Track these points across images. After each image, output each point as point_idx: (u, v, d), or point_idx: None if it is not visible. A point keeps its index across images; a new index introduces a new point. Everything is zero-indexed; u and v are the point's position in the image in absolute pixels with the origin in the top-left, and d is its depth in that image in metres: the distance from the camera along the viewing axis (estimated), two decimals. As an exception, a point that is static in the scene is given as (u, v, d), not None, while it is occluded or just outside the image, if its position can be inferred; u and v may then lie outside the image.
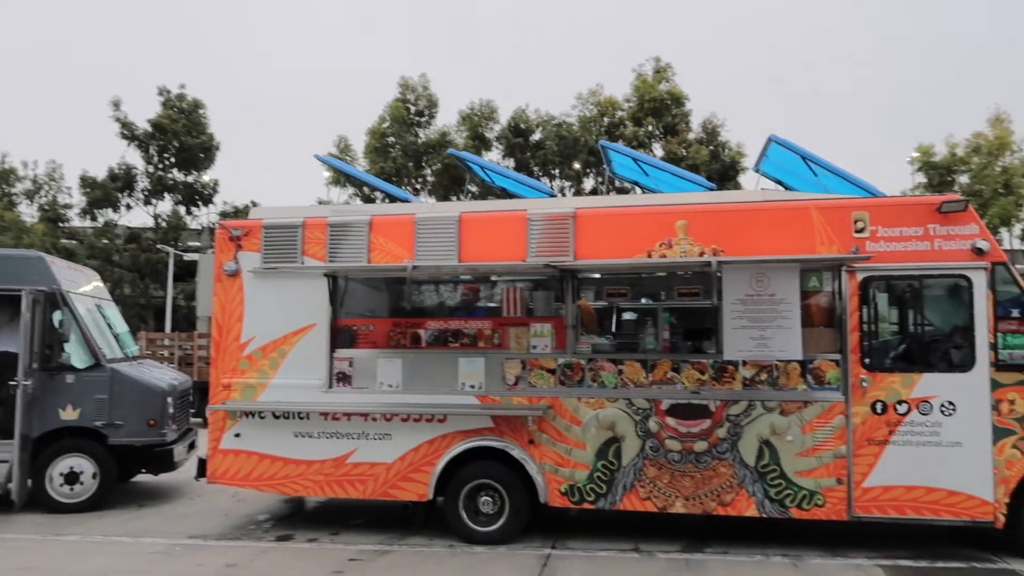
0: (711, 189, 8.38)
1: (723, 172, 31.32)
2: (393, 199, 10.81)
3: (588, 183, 34.52)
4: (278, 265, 7.49)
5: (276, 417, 7.34)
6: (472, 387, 7.02)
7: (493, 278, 8.09)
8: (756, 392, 6.59)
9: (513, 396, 6.94)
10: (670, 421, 6.69)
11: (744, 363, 6.63)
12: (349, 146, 35.17)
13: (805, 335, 6.45)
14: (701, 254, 6.71)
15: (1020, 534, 6.28)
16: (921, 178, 33.79)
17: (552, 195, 9.15)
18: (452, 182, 33.01)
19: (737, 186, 29.18)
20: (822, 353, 6.56)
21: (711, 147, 32.34)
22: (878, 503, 6.36)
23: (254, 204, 30.64)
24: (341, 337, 7.46)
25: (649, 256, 6.84)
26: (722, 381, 6.66)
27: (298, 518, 8.18)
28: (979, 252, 6.37)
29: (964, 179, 32.32)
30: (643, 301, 7.77)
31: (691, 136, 33.01)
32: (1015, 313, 6.32)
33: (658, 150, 32.99)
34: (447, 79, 48.88)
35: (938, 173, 32.37)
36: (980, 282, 6.36)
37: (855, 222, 6.60)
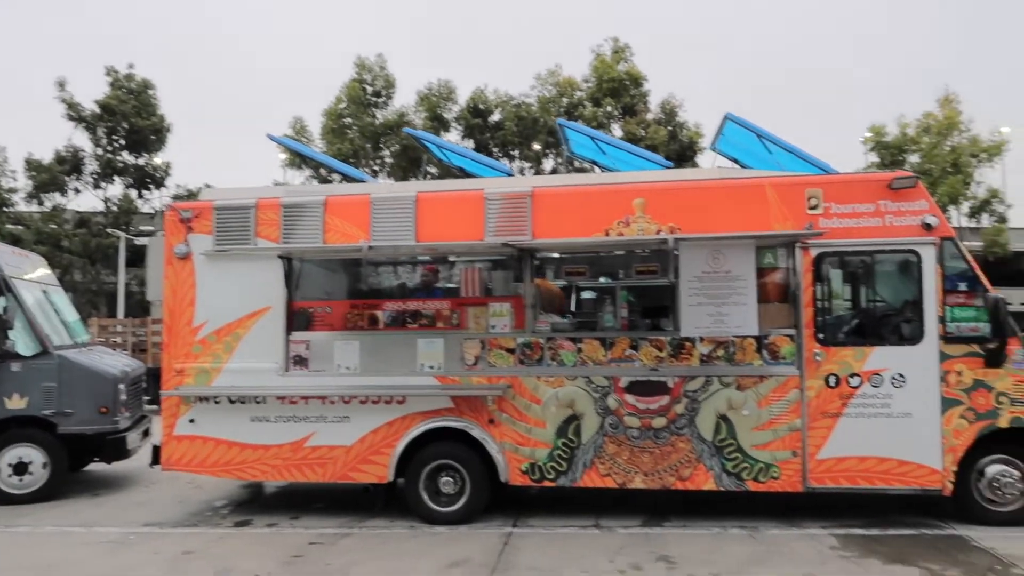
0: (668, 168, 8.40)
1: (681, 152, 31.53)
2: (349, 180, 10.66)
3: (548, 164, 34.48)
4: (231, 247, 7.33)
5: (232, 402, 7.22)
6: (431, 368, 6.98)
7: (451, 259, 8.04)
8: (713, 368, 6.66)
9: (472, 376, 6.91)
10: (629, 398, 6.74)
11: (701, 339, 6.68)
12: (305, 127, 34.60)
13: (761, 311, 6.54)
14: (658, 232, 6.74)
15: (967, 501, 6.48)
16: (874, 157, 34.43)
17: (510, 174, 9.09)
18: (411, 163, 32.68)
19: (695, 166, 29.41)
20: (777, 328, 6.65)
21: (669, 127, 32.50)
22: (832, 474, 6.50)
23: (208, 187, 29.94)
24: (297, 320, 7.36)
25: (607, 235, 6.84)
26: (680, 358, 6.72)
27: (257, 503, 8.08)
28: (928, 228, 6.50)
29: (915, 158, 32.98)
30: (601, 280, 7.79)
31: (649, 116, 33.11)
32: (962, 287, 6.47)
33: (617, 130, 33.06)
34: (405, 60, 48.30)
35: (890, 153, 32.98)
36: (929, 257, 6.49)
37: (809, 199, 6.67)
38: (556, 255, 7.58)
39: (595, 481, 6.77)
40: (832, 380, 6.53)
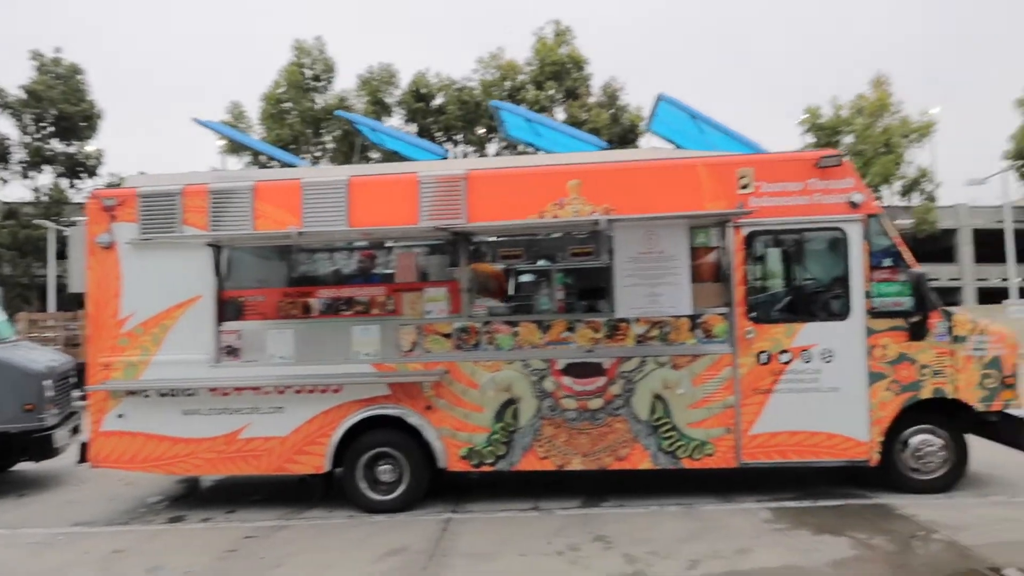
0: (604, 149, 8.41)
1: (623, 135, 31.74)
2: (286, 165, 10.42)
3: (492, 148, 34.36)
4: (156, 235, 7.09)
5: (161, 395, 7.01)
6: (367, 355, 6.87)
7: (388, 244, 7.93)
8: (648, 348, 6.71)
9: (409, 363, 6.84)
10: (566, 380, 6.75)
11: (637, 320, 6.73)
12: (243, 112, 33.79)
13: (694, 290, 6.60)
14: (593, 213, 6.73)
15: (892, 470, 6.68)
16: (811, 139, 35.19)
17: (445, 157, 9.00)
18: (352, 148, 32.21)
19: (636, 148, 29.62)
20: (711, 307, 6.73)
21: (612, 110, 32.66)
22: (764, 449, 6.62)
23: (143, 175, 28.98)
24: (228, 309, 7.18)
25: (542, 217, 6.82)
26: (615, 339, 6.75)
27: (193, 498, 7.90)
28: (854, 205, 6.63)
29: (849, 139, 33.81)
30: (538, 262, 7.78)
31: (591, 100, 33.23)
32: (887, 263, 6.63)
33: (560, 114, 33.11)
34: (348, 44, 47.40)
35: (825, 134, 33.75)
36: (855, 234, 6.63)
37: (740, 178, 6.74)
38: (492, 239, 7.54)
39: (534, 464, 6.77)
40: (763, 357, 6.64)
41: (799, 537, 5.76)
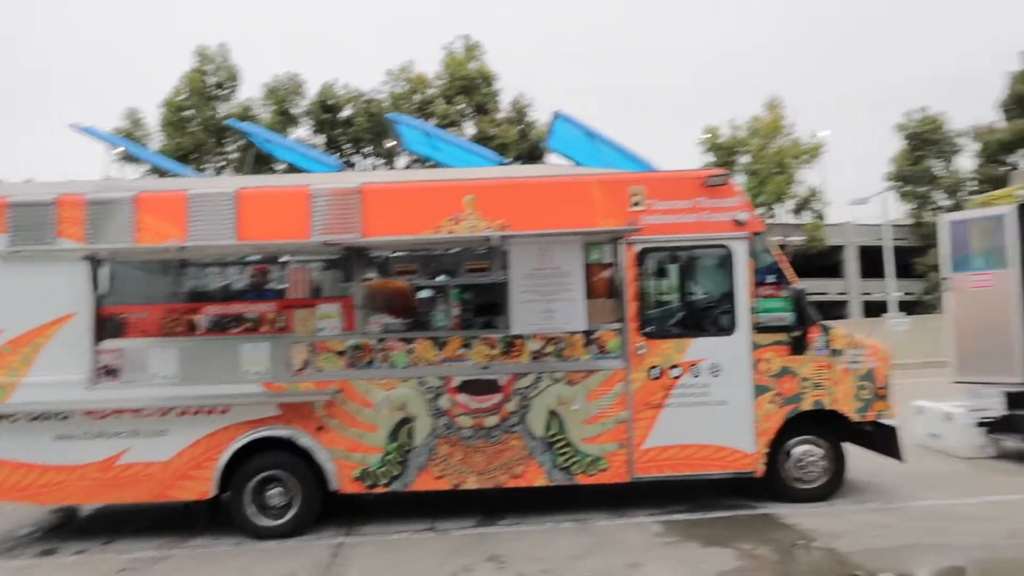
0: (503, 164, 8.45)
1: (532, 151, 32.11)
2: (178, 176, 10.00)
3: (402, 160, 34.12)
4: (28, 248, 6.66)
5: (32, 419, 6.56)
6: (256, 374, 6.63)
7: (282, 259, 7.70)
8: (543, 364, 6.73)
9: (300, 382, 6.63)
10: (461, 398, 6.69)
11: (532, 336, 6.74)
12: (140, 120, 32.43)
13: (589, 306, 6.68)
14: (488, 229, 6.72)
15: (777, 481, 6.91)
16: (711, 158, 36.48)
17: (339, 170, 8.83)
18: (257, 159, 31.36)
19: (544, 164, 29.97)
20: (605, 323, 6.81)
21: (520, 127, 33.01)
22: (656, 463, 6.74)
23: (24, 183, 27.36)
24: (107, 327, 6.78)
25: (437, 232, 6.76)
26: (511, 355, 6.74)
27: (69, 528, 7.41)
28: (739, 223, 6.86)
29: (746, 159, 35.26)
30: (437, 279, 7.69)
31: (501, 115, 33.51)
32: (770, 279, 6.89)
33: (470, 128, 33.23)
34: (251, 51, 46.25)
35: (723, 153, 35.07)
36: (741, 251, 6.86)
37: (632, 196, 6.88)
38: (388, 254, 7.42)
39: (429, 484, 6.67)
40: (655, 372, 6.77)
41: (688, 550, 5.86)
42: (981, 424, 8.72)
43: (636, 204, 6.86)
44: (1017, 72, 34.61)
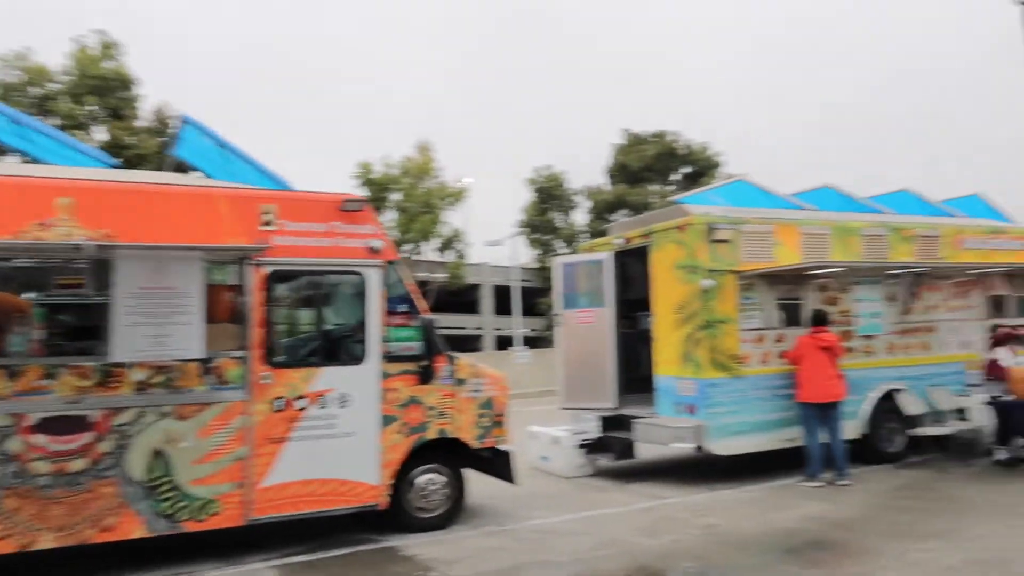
0: (117, 167, 7.40)
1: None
2: None
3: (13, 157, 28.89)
4: None
5: None
6: None
7: None
8: (147, 397, 5.89)
9: None
10: (39, 439, 5.56)
11: (137, 365, 5.88)
12: None
13: (208, 332, 6.01)
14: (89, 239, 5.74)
15: (400, 512, 6.84)
16: (365, 192, 36.82)
17: None
18: None
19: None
20: (226, 351, 6.20)
21: (163, 138, 30.04)
22: (275, 503, 6.26)
23: None
24: None
25: (16, 237, 5.59)
26: (109, 386, 5.80)
27: None
28: (374, 251, 6.77)
29: (397, 196, 36.22)
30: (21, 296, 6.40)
31: (140, 123, 30.25)
32: (402, 308, 6.89)
33: (101, 134, 29.42)
34: None
35: (376, 188, 35.61)
36: (374, 279, 6.76)
37: (263, 214, 6.42)
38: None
39: (-14, 547, 5.40)
40: (279, 403, 6.32)
41: (304, 593, 5.48)
42: (582, 446, 9.70)
43: (267, 223, 6.42)
44: (619, 145, 41.00)
